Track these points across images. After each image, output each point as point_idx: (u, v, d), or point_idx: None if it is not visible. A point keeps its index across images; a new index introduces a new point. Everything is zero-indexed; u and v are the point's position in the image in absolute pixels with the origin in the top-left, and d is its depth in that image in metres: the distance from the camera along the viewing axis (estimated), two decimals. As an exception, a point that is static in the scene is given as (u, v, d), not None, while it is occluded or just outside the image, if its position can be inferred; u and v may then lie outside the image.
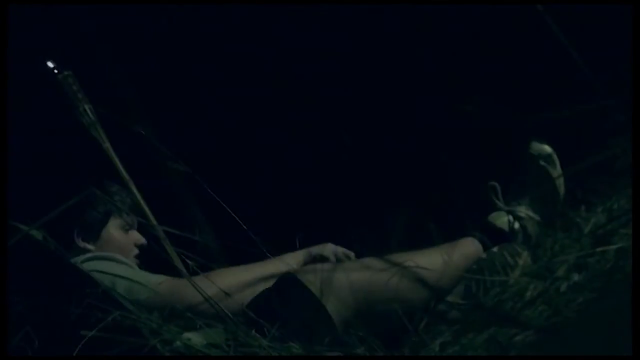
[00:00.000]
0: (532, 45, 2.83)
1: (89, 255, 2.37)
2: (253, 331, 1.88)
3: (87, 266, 2.29)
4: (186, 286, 2.09)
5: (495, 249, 2.19)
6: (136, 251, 2.46)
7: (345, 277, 2.06)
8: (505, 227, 2.30)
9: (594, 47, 2.25)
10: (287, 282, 2.09)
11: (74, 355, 1.75)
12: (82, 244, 2.41)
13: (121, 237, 2.46)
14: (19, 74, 2.39)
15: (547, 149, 2.34)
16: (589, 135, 1.98)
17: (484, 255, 2.20)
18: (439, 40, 3.24)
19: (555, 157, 2.34)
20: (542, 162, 2.33)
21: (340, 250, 2.38)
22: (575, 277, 1.73)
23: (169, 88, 3.52)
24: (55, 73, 2.72)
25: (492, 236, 2.27)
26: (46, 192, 2.41)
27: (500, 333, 1.60)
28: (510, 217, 2.30)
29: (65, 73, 2.73)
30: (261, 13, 3.46)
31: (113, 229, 2.46)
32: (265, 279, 2.14)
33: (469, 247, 2.23)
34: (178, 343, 1.76)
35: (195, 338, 1.81)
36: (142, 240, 2.47)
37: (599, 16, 2.77)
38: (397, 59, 3.35)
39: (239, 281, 2.17)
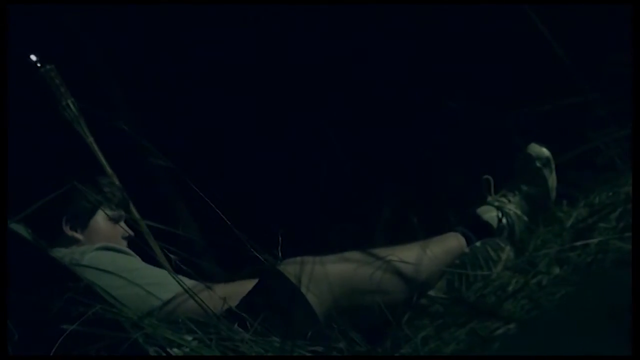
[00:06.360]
0: (516, 42, 2.84)
1: (99, 245, 2.35)
2: (235, 325, 1.88)
3: (98, 255, 2.29)
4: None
5: (478, 244, 2.20)
6: (124, 243, 2.45)
7: (325, 269, 2.06)
8: (492, 221, 2.30)
9: (580, 43, 2.25)
10: (268, 274, 2.08)
11: (68, 353, 1.75)
12: (70, 233, 2.39)
13: (109, 228, 2.44)
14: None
15: (546, 152, 2.34)
16: (571, 130, 1.98)
17: (467, 250, 2.20)
18: (426, 38, 3.25)
19: (552, 162, 2.34)
20: (538, 164, 2.33)
21: None
22: (557, 270, 1.74)
23: (154, 85, 3.52)
24: (38, 67, 2.71)
25: (477, 228, 2.27)
26: (32, 186, 2.41)
27: (482, 327, 1.60)
28: (499, 213, 2.30)
29: (48, 67, 2.71)
30: (249, 12, 3.47)
31: (101, 219, 2.44)
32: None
33: (452, 242, 2.24)
34: (160, 337, 1.75)
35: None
36: (129, 232, 2.46)
37: (587, 14, 2.79)
38: (382, 56, 3.36)
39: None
